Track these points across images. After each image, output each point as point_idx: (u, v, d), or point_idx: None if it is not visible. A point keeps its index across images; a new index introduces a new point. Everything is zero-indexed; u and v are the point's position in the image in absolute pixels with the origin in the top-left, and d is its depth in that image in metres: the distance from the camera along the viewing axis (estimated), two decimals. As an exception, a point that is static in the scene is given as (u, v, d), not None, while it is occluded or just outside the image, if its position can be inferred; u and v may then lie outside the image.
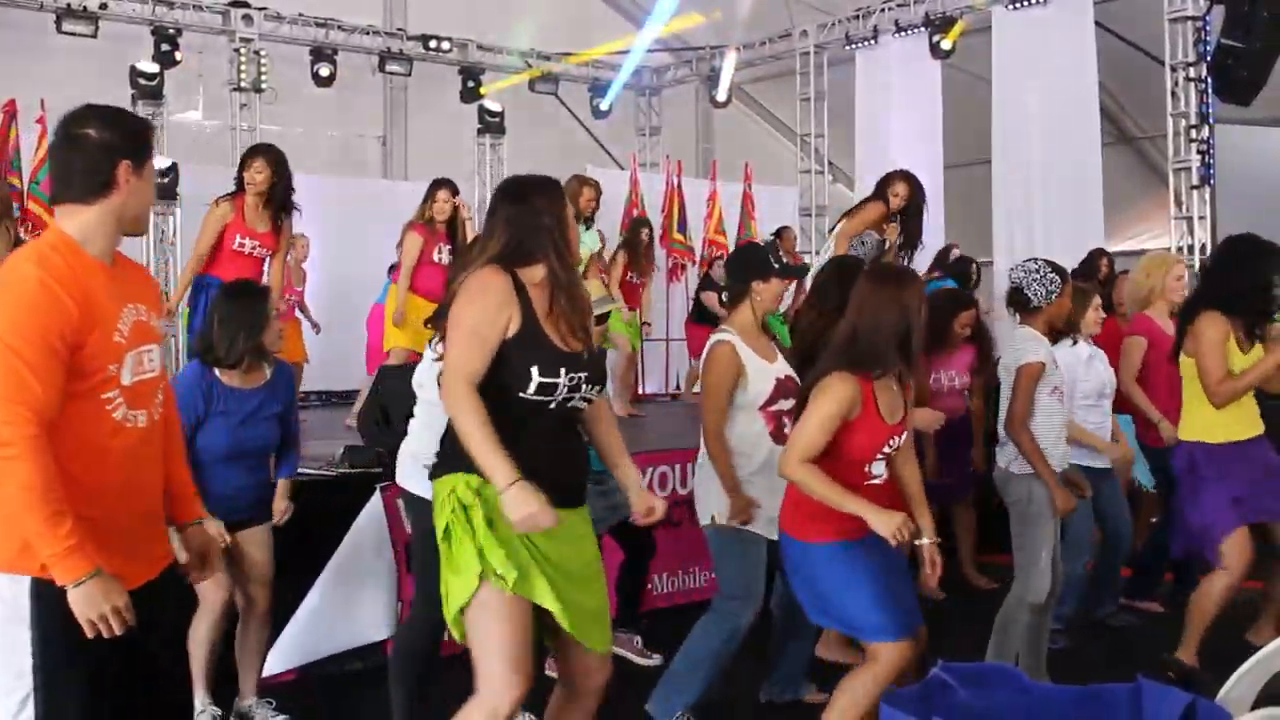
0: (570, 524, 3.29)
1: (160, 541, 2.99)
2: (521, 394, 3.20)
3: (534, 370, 3.20)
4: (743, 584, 4.47)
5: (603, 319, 5.34)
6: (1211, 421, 5.03)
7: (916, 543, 3.85)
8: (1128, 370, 6.13)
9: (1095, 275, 9.58)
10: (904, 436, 3.88)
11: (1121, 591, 6.41)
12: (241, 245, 6.42)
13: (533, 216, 3.36)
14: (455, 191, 7.82)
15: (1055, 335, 5.81)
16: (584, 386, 3.31)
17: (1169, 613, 6.07)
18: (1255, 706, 2.81)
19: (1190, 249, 11.23)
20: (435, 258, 7.62)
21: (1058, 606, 5.68)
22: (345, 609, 5.22)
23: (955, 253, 10.15)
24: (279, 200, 6.54)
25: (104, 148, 2.78)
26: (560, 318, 3.31)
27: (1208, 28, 11.07)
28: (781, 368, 4.56)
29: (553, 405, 3.25)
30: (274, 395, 4.60)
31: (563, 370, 3.24)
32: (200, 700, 4.55)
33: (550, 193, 3.43)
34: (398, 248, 7.93)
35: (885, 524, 3.58)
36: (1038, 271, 4.95)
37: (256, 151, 6.71)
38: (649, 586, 6.26)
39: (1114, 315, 6.66)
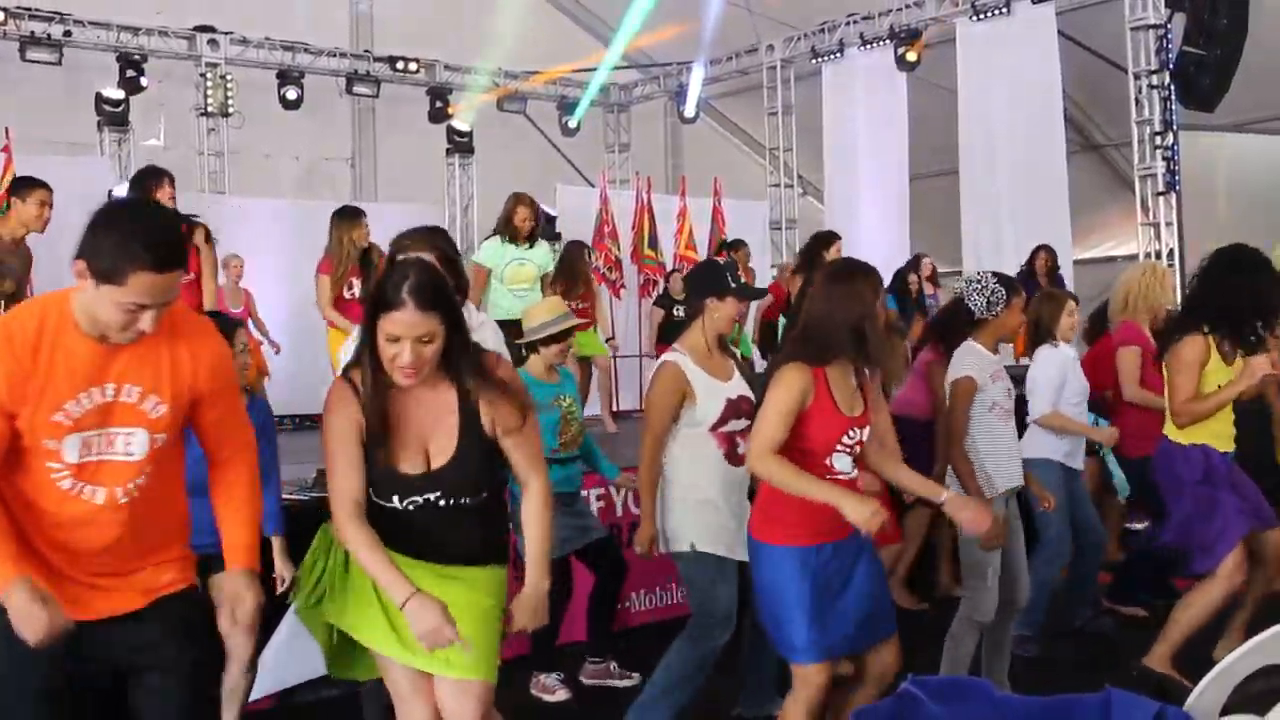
0: (463, 574, 3.20)
1: (157, 577, 3.01)
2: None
3: (370, 490, 3.13)
4: (712, 606, 4.41)
5: (566, 334, 5.33)
6: (1218, 431, 5.02)
7: (938, 500, 3.90)
8: (1130, 379, 6.14)
9: (1035, 271, 9.67)
10: (864, 431, 3.82)
11: (1098, 597, 6.44)
12: None
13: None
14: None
15: (1032, 343, 5.85)
16: (440, 504, 3.13)
17: (1151, 618, 6.06)
18: (1224, 713, 2.82)
19: (1157, 254, 11.32)
20: (346, 295, 7.47)
21: (1030, 613, 5.71)
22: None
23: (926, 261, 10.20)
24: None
25: (82, 239, 2.72)
26: (404, 431, 3.11)
27: (1169, 36, 11.17)
28: (736, 387, 4.46)
29: (414, 510, 3.14)
30: None
31: (395, 496, 3.12)
32: None
33: (376, 296, 3.07)
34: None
35: (857, 511, 3.53)
36: (979, 282, 4.86)
37: (161, 174, 6.69)
38: (626, 604, 6.25)
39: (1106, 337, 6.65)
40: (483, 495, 3.21)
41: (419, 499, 3.12)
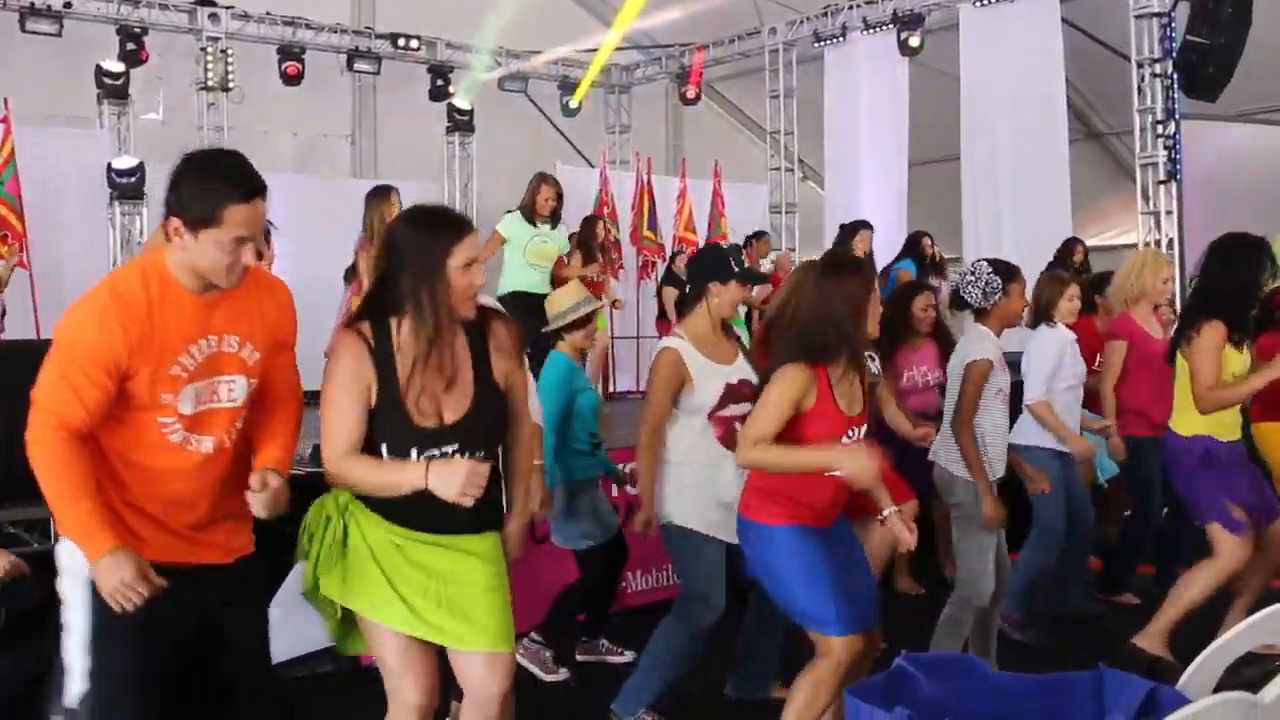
0: (460, 544, 3.13)
1: (235, 536, 3.15)
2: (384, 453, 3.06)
3: (383, 446, 3.03)
4: (700, 585, 4.43)
5: (590, 319, 5.33)
6: (1221, 421, 5.03)
7: (884, 512, 3.89)
8: (1110, 373, 6.17)
9: (1070, 263, 9.68)
10: (863, 429, 3.82)
11: (1090, 582, 6.44)
12: None
13: (402, 259, 3.00)
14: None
15: (1033, 322, 5.86)
16: (455, 457, 3.01)
17: (1144, 605, 6.06)
18: (1216, 692, 2.82)
19: (1158, 244, 11.31)
20: None
21: (1023, 599, 5.73)
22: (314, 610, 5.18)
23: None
24: None
25: (168, 199, 2.85)
26: (426, 384, 3.00)
27: (1173, 24, 11.15)
28: (737, 371, 4.46)
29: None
30: None
31: (414, 450, 3.00)
32: None
33: (434, 229, 3.00)
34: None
35: (854, 461, 3.53)
36: (974, 274, 4.87)
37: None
38: (624, 584, 6.25)
39: (1089, 315, 6.65)
40: (495, 450, 3.20)
41: (435, 452, 3.01)
